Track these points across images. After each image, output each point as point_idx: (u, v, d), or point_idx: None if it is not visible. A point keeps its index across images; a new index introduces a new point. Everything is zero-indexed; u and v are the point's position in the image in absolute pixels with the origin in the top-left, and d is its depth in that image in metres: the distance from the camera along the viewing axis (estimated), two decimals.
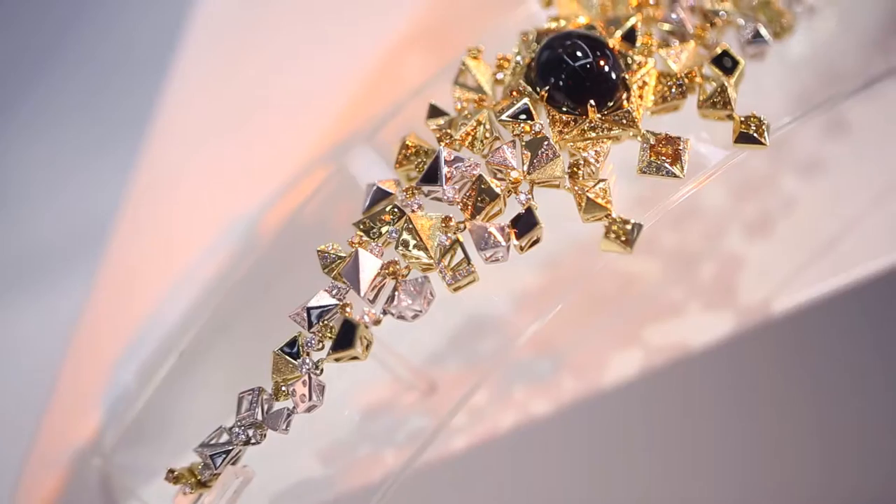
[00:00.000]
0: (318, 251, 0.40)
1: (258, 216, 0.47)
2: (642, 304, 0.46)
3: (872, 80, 0.48)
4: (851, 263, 0.45)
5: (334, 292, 0.40)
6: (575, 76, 0.40)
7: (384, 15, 0.48)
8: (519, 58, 0.42)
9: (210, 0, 0.50)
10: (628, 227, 0.39)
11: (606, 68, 0.40)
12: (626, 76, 0.41)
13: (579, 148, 0.40)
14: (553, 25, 0.43)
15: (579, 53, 0.40)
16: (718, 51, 0.42)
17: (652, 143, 0.40)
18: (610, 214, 0.39)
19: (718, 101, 0.41)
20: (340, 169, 0.45)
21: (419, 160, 0.41)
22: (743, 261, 0.46)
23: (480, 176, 0.39)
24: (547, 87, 0.40)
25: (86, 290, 0.47)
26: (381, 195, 0.41)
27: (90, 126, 0.53)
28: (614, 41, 0.42)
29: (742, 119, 0.41)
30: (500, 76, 0.42)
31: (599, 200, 0.39)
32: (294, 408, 0.40)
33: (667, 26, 0.43)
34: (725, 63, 0.42)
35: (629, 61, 0.41)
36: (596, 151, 0.40)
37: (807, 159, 0.49)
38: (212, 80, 0.49)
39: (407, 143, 0.41)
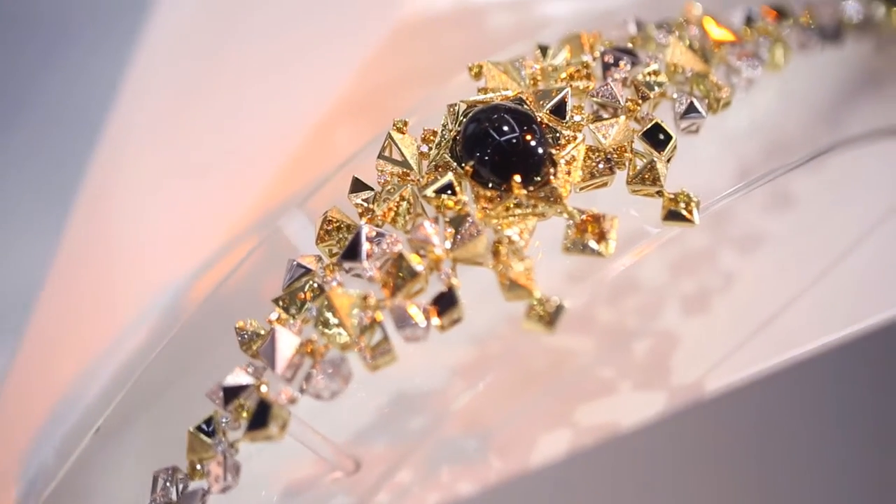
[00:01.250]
0: (236, 328, 0.40)
1: (185, 287, 0.47)
2: (573, 381, 0.45)
3: (817, 152, 0.48)
4: (788, 343, 0.45)
5: (251, 370, 0.40)
6: (500, 151, 0.40)
7: (318, 83, 0.48)
8: (445, 131, 0.42)
9: (142, 66, 0.50)
10: (551, 307, 0.38)
11: (533, 143, 0.40)
12: (554, 151, 0.41)
13: (504, 225, 0.40)
14: (482, 97, 0.43)
15: (505, 128, 0.40)
16: (650, 125, 0.42)
17: (577, 220, 0.40)
18: (532, 294, 0.39)
19: (648, 177, 0.41)
20: (269, 238, 0.45)
21: (340, 235, 0.41)
22: (678, 338, 0.46)
23: (401, 253, 0.39)
24: (472, 162, 0.40)
25: (5, 363, 0.46)
26: (301, 271, 0.41)
27: (17, 191, 0.53)
28: (543, 115, 0.42)
29: (671, 196, 0.41)
30: (425, 149, 0.42)
31: (522, 281, 0.39)
32: (209, 488, 0.39)
33: (598, 99, 0.43)
34: (657, 137, 0.42)
35: (557, 135, 0.41)
36: (521, 229, 0.40)
37: (747, 233, 0.49)
38: (142, 148, 0.49)
39: (328, 217, 0.41)
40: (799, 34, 0.49)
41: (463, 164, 0.41)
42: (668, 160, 0.42)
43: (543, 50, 0.44)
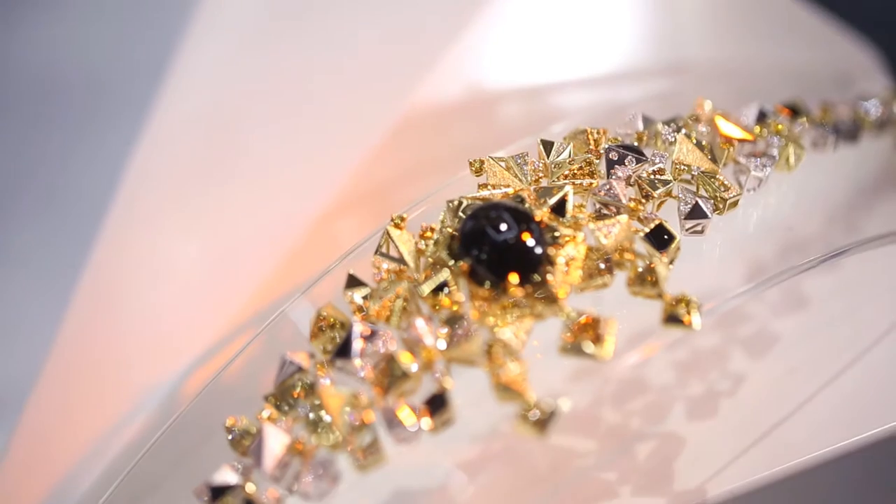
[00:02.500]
0: (226, 426, 0.41)
1: (181, 380, 0.47)
2: (574, 484, 0.45)
3: (831, 253, 0.48)
4: (794, 450, 0.45)
5: (239, 468, 0.40)
6: (497, 250, 0.40)
7: (323, 173, 0.49)
8: (443, 227, 0.42)
9: (145, 157, 0.51)
10: (544, 411, 0.38)
11: (531, 242, 0.40)
12: (552, 250, 0.41)
13: (500, 325, 0.40)
14: (483, 194, 0.43)
15: (503, 226, 0.40)
16: (653, 225, 0.42)
17: (574, 322, 0.40)
18: (525, 398, 0.39)
19: (649, 279, 0.41)
20: (267, 330, 0.45)
21: (334, 333, 0.41)
22: (682, 441, 0.46)
23: (393, 353, 0.39)
24: (469, 260, 0.41)
25: None
26: (293, 368, 0.41)
27: (19, 279, 0.53)
28: (543, 213, 0.42)
29: (672, 299, 0.41)
30: (423, 245, 0.42)
31: (515, 383, 0.39)
32: None
33: (600, 197, 0.43)
34: (660, 238, 0.42)
35: (556, 234, 0.41)
36: (517, 329, 0.40)
37: (757, 334, 0.49)
38: (143, 240, 0.49)
39: (322, 314, 0.41)
40: (813, 132, 0.49)
41: (459, 262, 0.41)
42: (672, 262, 0.42)
43: (547, 146, 0.44)
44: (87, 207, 0.50)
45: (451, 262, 0.41)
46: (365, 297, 0.41)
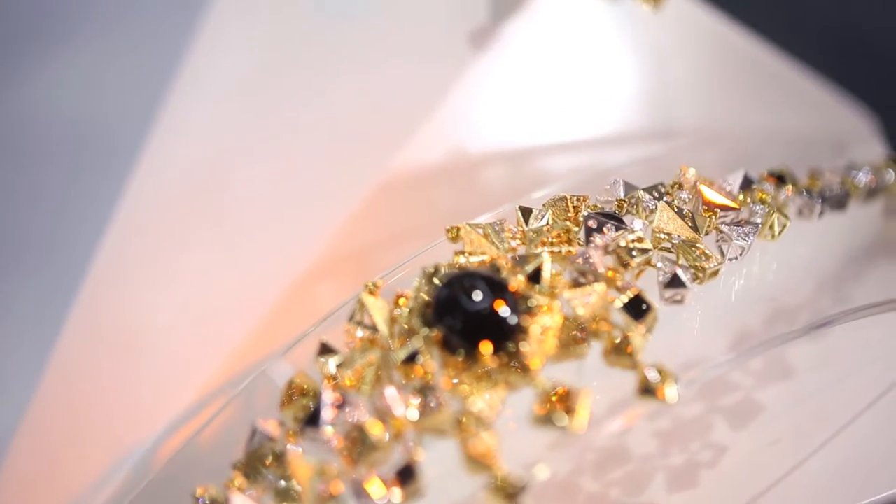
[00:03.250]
0: (194, 496, 0.41)
1: (155, 445, 0.47)
2: None
3: (818, 323, 0.48)
4: None
5: None
6: (470, 319, 0.41)
7: (303, 237, 0.49)
8: (418, 295, 0.42)
9: (125, 220, 0.51)
10: (514, 484, 0.38)
11: (505, 312, 0.41)
12: (527, 320, 0.41)
13: (472, 395, 0.40)
14: (460, 261, 0.43)
15: (477, 295, 0.41)
16: (630, 295, 0.42)
17: (547, 394, 0.40)
18: (494, 470, 0.39)
19: (624, 350, 0.41)
20: (240, 395, 0.46)
21: (304, 401, 0.41)
22: None
23: (363, 423, 0.40)
24: (442, 329, 0.41)
25: None
26: (263, 436, 0.41)
27: None
28: (518, 281, 0.42)
29: (648, 371, 0.41)
30: (397, 313, 0.42)
31: (485, 455, 0.39)
32: None
33: (578, 266, 0.43)
34: (638, 308, 0.42)
35: (532, 304, 0.42)
36: (489, 399, 0.40)
37: (740, 403, 0.49)
38: (118, 303, 0.50)
39: (293, 382, 0.42)
40: (799, 200, 0.49)
41: (433, 331, 0.41)
42: (649, 332, 0.42)
43: (525, 212, 0.45)
44: (68, 264, 0.51)
45: (425, 331, 0.41)
46: (337, 365, 0.41)
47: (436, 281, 0.42)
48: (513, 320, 0.41)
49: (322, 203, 0.50)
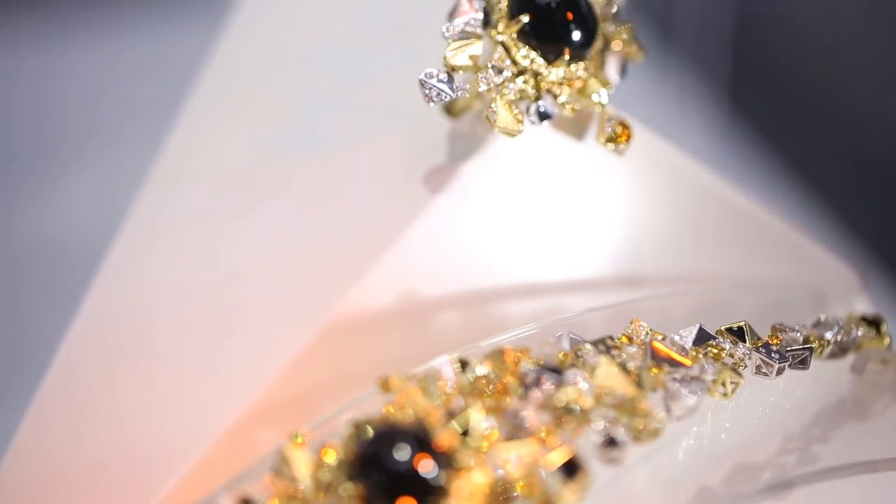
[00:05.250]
0: None
1: None
2: None
3: (778, 483, 0.48)
4: None
5: None
6: (393, 476, 0.41)
7: (241, 379, 0.50)
8: (344, 448, 0.43)
9: (68, 350, 0.52)
10: None
11: (429, 469, 0.41)
12: (453, 478, 0.41)
13: None
14: (391, 413, 0.44)
15: (400, 452, 0.41)
16: (564, 454, 0.43)
17: None
18: None
19: None
20: None
21: None
22: None
23: None
24: (364, 484, 0.41)
25: None
26: None
27: None
28: (448, 436, 0.42)
29: None
30: (322, 465, 0.43)
31: None
32: None
33: (511, 421, 0.43)
34: (571, 468, 0.42)
35: (459, 461, 0.42)
36: None
37: None
38: (48, 446, 0.51)
39: None
40: (757, 357, 0.49)
41: (356, 486, 0.41)
42: (582, 493, 0.42)
43: (463, 364, 0.45)
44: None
45: (348, 487, 0.42)
46: None
47: (362, 434, 0.43)
48: (437, 479, 0.41)
49: (265, 344, 0.51)
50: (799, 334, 0.51)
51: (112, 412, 0.50)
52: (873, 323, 0.54)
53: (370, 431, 0.42)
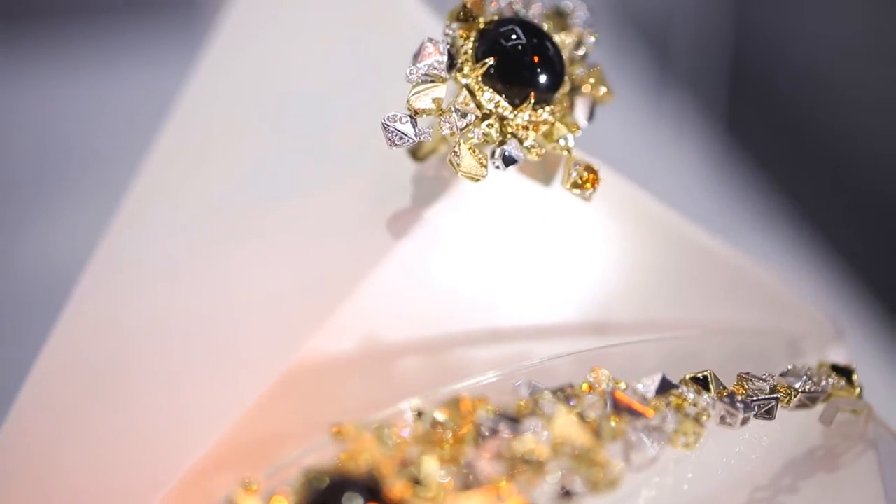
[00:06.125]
0: None
1: None
2: None
3: None
4: None
5: None
6: None
7: (199, 426, 0.51)
8: (295, 497, 0.43)
9: (24, 400, 0.53)
10: None
11: None
12: None
13: None
14: (345, 460, 0.44)
15: (351, 501, 0.42)
16: None
17: None
18: None
19: None
20: None
21: None
22: None
23: None
24: None
25: None
26: None
27: None
28: (399, 486, 0.43)
29: None
30: None
31: None
32: None
33: (465, 471, 0.44)
34: None
35: None
36: None
37: None
38: (8, 487, 0.51)
39: None
40: (721, 407, 0.50)
41: None
42: None
43: (420, 412, 0.46)
44: None
45: None
46: None
47: (314, 483, 0.43)
48: None
49: (225, 390, 0.51)
50: (766, 384, 0.51)
51: (71, 457, 0.50)
52: (844, 372, 0.54)
53: (322, 480, 0.43)
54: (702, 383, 0.50)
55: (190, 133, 0.59)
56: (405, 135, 0.50)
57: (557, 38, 0.54)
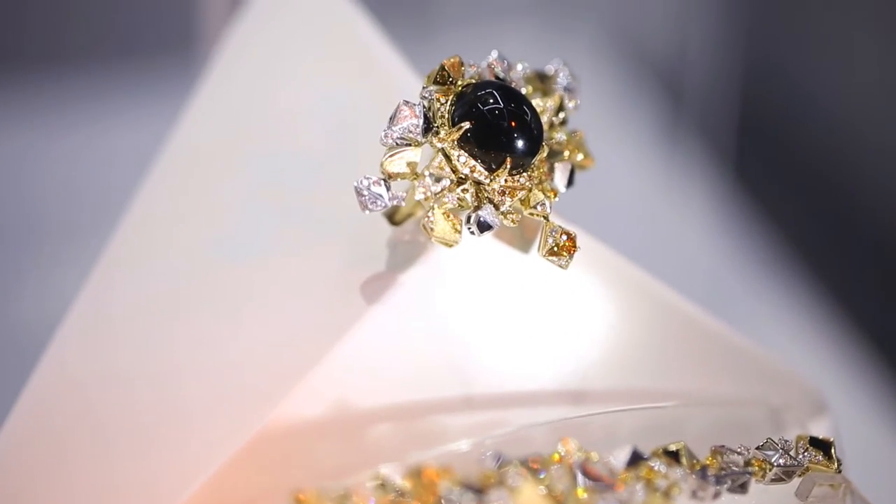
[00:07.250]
0: None
1: None
2: None
3: None
4: None
5: None
6: None
7: (165, 491, 0.51)
8: None
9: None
10: None
11: None
12: None
13: None
14: None
15: None
16: None
17: None
18: None
19: None
20: None
21: None
22: None
23: None
24: None
25: None
26: None
27: None
28: None
29: None
30: None
31: None
32: None
33: None
34: None
35: None
36: None
37: None
38: None
39: None
40: (693, 481, 0.50)
41: None
42: None
43: (382, 482, 0.47)
44: None
45: None
46: None
47: None
48: None
49: (191, 453, 0.52)
50: (741, 457, 0.52)
51: None
52: (822, 445, 0.55)
53: None
54: (674, 456, 0.51)
55: (165, 191, 0.60)
56: (379, 198, 0.51)
57: (538, 102, 0.55)
